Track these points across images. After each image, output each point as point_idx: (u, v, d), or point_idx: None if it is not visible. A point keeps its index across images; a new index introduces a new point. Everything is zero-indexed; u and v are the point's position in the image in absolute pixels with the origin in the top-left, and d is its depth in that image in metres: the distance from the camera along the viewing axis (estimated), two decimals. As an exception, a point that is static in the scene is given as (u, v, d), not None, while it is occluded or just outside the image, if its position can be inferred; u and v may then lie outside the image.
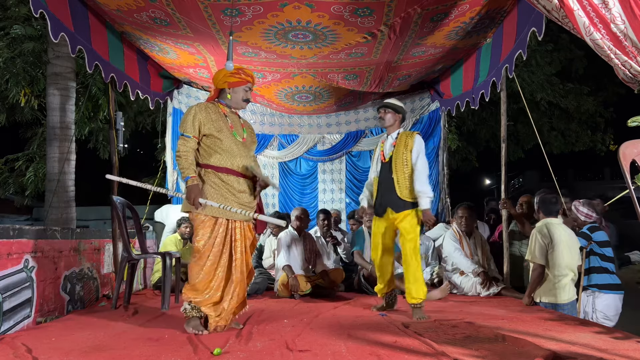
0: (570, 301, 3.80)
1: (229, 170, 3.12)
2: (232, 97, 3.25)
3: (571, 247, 3.84)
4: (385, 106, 3.86)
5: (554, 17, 2.79)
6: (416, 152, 3.70)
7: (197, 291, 3.02)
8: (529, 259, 3.93)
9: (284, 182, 7.82)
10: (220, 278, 3.07)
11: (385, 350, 2.51)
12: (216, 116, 3.16)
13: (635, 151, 2.39)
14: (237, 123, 3.28)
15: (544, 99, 11.06)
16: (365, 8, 4.05)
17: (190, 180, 3.03)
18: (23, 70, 7.58)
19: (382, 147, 3.88)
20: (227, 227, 3.11)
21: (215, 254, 3.06)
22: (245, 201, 3.16)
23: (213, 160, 3.11)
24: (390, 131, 3.85)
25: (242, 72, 3.24)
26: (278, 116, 7.52)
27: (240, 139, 3.21)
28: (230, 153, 3.13)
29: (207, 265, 3.03)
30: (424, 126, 7.14)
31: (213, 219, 3.08)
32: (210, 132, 3.10)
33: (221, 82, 3.25)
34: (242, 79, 3.22)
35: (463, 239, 4.97)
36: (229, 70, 3.21)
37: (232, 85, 3.23)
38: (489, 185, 27.88)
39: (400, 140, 3.76)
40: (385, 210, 3.75)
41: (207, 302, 3.02)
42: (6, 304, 3.09)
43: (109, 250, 4.72)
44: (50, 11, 3.61)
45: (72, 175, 6.33)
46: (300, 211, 5.18)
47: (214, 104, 3.25)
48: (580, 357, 2.33)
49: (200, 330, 2.98)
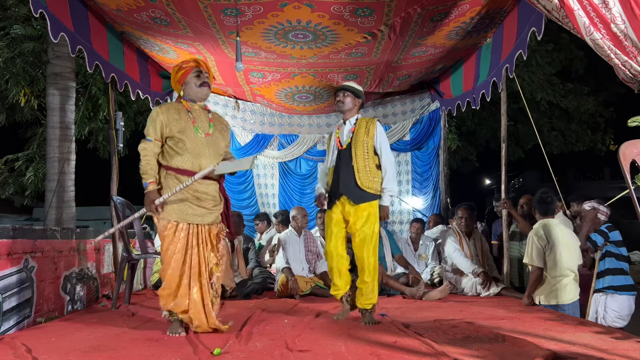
0: (573, 302, 3.79)
1: (190, 172, 2.97)
2: (188, 91, 3.10)
3: (570, 247, 3.84)
4: (344, 89, 3.53)
5: (554, 17, 2.79)
6: (379, 142, 3.44)
7: (166, 298, 2.94)
8: (527, 262, 3.93)
9: (284, 182, 7.81)
10: (185, 285, 2.94)
11: (385, 350, 2.51)
12: (179, 115, 3.02)
13: (635, 151, 2.39)
14: (203, 117, 3.11)
15: (544, 99, 11.06)
16: (365, 8, 4.05)
17: (150, 186, 2.94)
18: (23, 70, 7.58)
19: (337, 134, 3.56)
20: (189, 232, 2.98)
21: (177, 260, 2.93)
22: (208, 206, 3.03)
23: (175, 162, 2.98)
24: (348, 116, 3.54)
25: (182, 63, 3.11)
26: (278, 116, 7.51)
27: (202, 134, 3.03)
28: (193, 154, 2.98)
29: (169, 273, 2.93)
30: (424, 126, 7.14)
31: (174, 224, 2.96)
32: (172, 133, 2.97)
33: (175, 86, 3.15)
34: (184, 68, 3.07)
35: (463, 240, 4.97)
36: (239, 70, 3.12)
37: (182, 81, 3.09)
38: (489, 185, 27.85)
39: (359, 126, 3.46)
40: (340, 200, 3.44)
41: (178, 309, 2.94)
42: (6, 304, 3.09)
43: (109, 250, 4.72)
44: (50, 11, 3.60)
45: (72, 175, 6.33)
46: (296, 211, 5.18)
47: (178, 102, 3.13)
48: (580, 357, 2.33)
49: (179, 332, 2.93)
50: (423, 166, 7.28)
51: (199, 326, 2.94)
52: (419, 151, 7.29)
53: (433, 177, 7.14)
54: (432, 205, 7.13)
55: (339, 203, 3.45)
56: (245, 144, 7.53)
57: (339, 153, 3.50)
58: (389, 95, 7.02)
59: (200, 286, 2.98)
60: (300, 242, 5.07)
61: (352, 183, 3.39)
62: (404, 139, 7.27)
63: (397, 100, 7.17)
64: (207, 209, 3.03)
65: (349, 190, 3.39)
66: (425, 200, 7.25)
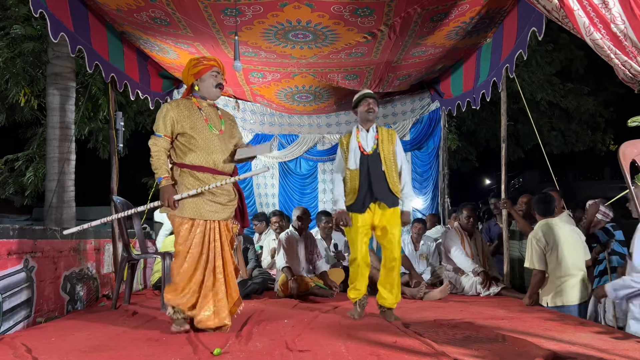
0: (580, 303, 3.71)
1: (205, 168, 3.01)
2: (202, 87, 3.10)
3: (574, 244, 3.78)
4: (373, 97, 3.68)
5: (554, 17, 2.79)
6: (400, 151, 3.66)
7: (176, 292, 2.95)
8: (528, 265, 3.93)
9: (284, 182, 7.82)
10: (199, 281, 2.97)
11: (385, 350, 2.51)
12: (189, 112, 3.05)
13: (635, 151, 2.39)
14: (214, 115, 3.15)
15: (544, 99, 11.07)
16: (365, 8, 4.05)
17: (164, 181, 2.95)
18: (23, 70, 7.58)
19: (358, 139, 3.64)
20: (205, 228, 3.01)
21: (194, 256, 2.96)
22: (223, 201, 3.06)
23: (188, 159, 3.00)
24: (369, 125, 3.67)
25: (202, 59, 3.11)
26: (278, 116, 7.52)
27: (216, 131, 3.08)
28: (206, 150, 3.01)
29: (184, 267, 2.94)
30: (424, 126, 7.15)
31: (190, 221, 2.98)
32: (184, 130, 3.00)
33: (187, 77, 3.12)
34: (205, 64, 3.07)
35: (465, 239, 4.98)
36: (237, 70, 3.15)
37: (198, 75, 3.08)
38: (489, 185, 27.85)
39: (382, 135, 3.64)
40: (369, 204, 3.54)
41: (186, 304, 2.95)
42: (6, 304, 3.09)
43: (109, 250, 4.72)
44: (50, 11, 3.60)
45: (72, 175, 6.33)
46: (302, 211, 5.17)
47: (188, 99, 3.14)
48: (580, 357, 2.33)
49: (184, 327, 2.94)
50: (423, 166, 7.29)
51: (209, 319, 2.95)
52: (419, 151, 7.30)
53: (433, 177, 7.14)
54: (432, 205, 7.14)
55: (366, 209, 3.54)
56: (245, 144, 7.51)
57: (363, 158, 3.59)
58: (389, 95, 7.01)
59: (215, 280, 3.02)
60: (301, 242, 5.07)
61: (385, 188, 3.54)
62: (404, 139, 7.28)
63: (397, 100, 7.17)
64: (222, 204, 3.06)
65: (384, 194, 3.54)
66: (425, 200, 7.26)
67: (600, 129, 12.62)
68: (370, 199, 3.54)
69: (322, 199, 7.82)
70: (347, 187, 3.61)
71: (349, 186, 3.60)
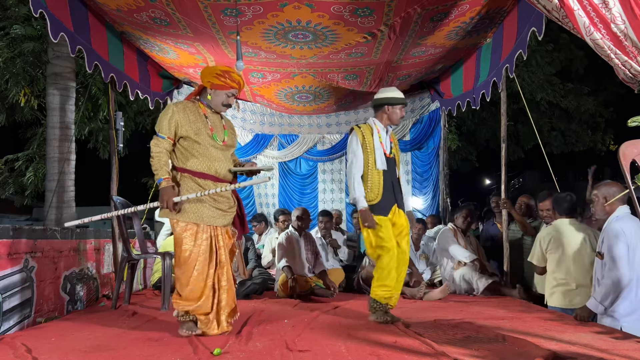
0: None
1: (207, 175, 2.99)
2: (213, 99, 3.08)
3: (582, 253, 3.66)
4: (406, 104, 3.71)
5: (554, 17, 2.79)
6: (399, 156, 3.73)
7: (188, 300, 2.93)
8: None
9: (284, 182, 7.82)
10: (210, 287, 2.96)
11: (385, 350, 2.51)
12: (195, 117, 3.02)
13: (635, 151, 2.39)
14: (219, 125, 3.12)
15: (544, 99, 11.06)
16: (365, 8, 4.05)
17: (164, 182, 2.91)
18: (23, 70, 7.58)
19: (380, 139, 3.53)
20: (211, 234, 3.00)
21: (202, 263, 2.94)
22: (223, 207, 3.04)
23: (190, 164, 2.98)
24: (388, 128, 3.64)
25: (228, 76, 3.04)
26: (278, 116, 7.52)
27: (220, 142, 3.06)
28: (208, 157, 3.00)
29: (194, 276, 2.91)
30: (424, 126, 7.14)
31: (194, 226, 2.95)
32: (188, 134, 2.97)
33: (206, 80, 3.07)
34: (226, 83, 3.03)
35: (459, 235, 5.05)
36: (239, 70, 3.14)
37: (215, 87, 3.05)
38: (489, 185, 27.84)
39: (394, 139, 3.69)
40: (391, 207, 3.50)
41: (199, 311, 2.94)
42: (6, 304, 3.09)
43: (109, 250, 4.72)
44: (50, 11, 3.60)
45: (72, 175, 6.33)
46: (302, 211, 5.17)
47: (194, 103, 3.10)
48: (580, 357, 2.33)
49: (194, 330, 2.91)
50: (423, 166, 7.28)
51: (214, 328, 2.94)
52: (419, 151, 7.30)
53: (433, 177, 7.14)
54: (432, 205, 7.14)
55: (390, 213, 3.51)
56: (245, 144, 7.53)
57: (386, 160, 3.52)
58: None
59: (219, 287, 3.01)
60: (301, 242, 5.07)
61: (400, 191, 3.60)
62: (404, 139, 7.28)
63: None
64: (222, 210, 3.05)
65: (401, 197, 3.60)
66: (425, 200, 7.26)
67: (600, 129, 12.61)
68: (393, 202, 3.51)
69: (322, 199, 7.82)
70: (368, 186, 3.48)
71: (371, 186, 3.47)
